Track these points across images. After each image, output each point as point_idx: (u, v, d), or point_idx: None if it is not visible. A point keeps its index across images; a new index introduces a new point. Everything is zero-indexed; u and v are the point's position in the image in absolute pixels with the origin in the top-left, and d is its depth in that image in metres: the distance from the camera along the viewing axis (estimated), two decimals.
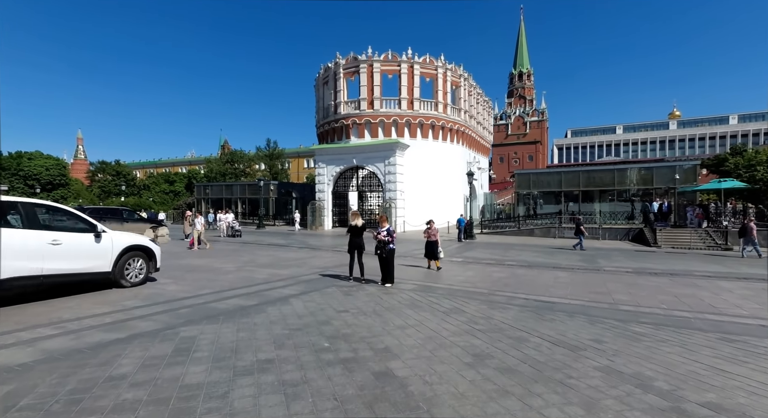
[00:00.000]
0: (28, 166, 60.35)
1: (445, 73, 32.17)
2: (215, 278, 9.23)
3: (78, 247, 6.92)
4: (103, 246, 7.31)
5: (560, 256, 16.02)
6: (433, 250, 11.29)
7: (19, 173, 60.00)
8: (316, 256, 14.47)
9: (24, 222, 6.42)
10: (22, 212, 6.47)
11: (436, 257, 11.36)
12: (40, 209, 6.88)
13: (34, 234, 6.39)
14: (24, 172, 59.88)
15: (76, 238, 6.93)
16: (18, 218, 6.46)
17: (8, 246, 5.95)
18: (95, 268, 7.16)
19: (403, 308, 6.44)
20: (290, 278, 9.39)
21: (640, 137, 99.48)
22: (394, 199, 28.75)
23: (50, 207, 7.24)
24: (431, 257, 11.40)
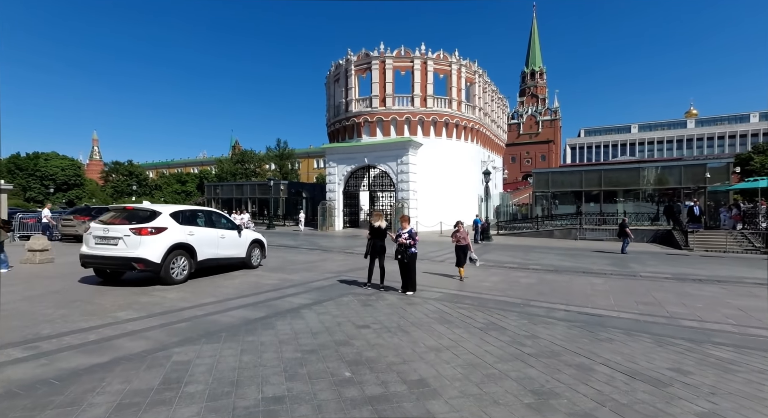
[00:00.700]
0: (44, 167, 61.13)
1: (459, 70, 31.19)
2: (220, 283, 8.48)
3: (232, 240, 9.87)
4: (243, 240, 10.26)
5: (586, 259, 14.99)
6: (465, 256, 9.75)
7: (36, 174, 60.78)
8: (328, 259, 13.69)
9: (206, 223, 9.49)
10: (204, 216, 9.65)
11: (463, 263, 9.84)
12: (213, 214, 10.15)
13: (213, 231, 9.41)
14: (41, 173, 60.66)
15: (230, 234, 9.89)
16: (203, 220, 9.45)
17: (201, 239, 8.85)
18: (238, 255, 10.12)
19: (433, 324, 5.58)
20: (302, 285, 8.60)
21: (656, 136, 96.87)
22: (407, 199, 27.86)
23: (217, 213, 10.42)
24: (461, 264, 9.78)
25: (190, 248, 8.52)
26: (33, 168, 61.23)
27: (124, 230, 7.83)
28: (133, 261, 7.69)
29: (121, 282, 8.32)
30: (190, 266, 8.51)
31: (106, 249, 7.85)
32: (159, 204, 10.35)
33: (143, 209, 8.66)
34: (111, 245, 7.84)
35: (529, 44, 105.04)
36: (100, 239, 7.94)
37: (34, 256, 10.37)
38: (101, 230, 7.99)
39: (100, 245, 7.92)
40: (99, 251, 7.90)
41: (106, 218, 8.42)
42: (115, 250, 7.78)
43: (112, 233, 7.86)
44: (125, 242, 7.77)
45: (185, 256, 8.41)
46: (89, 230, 8.23)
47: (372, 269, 8.28)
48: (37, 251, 10.39)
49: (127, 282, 8.34)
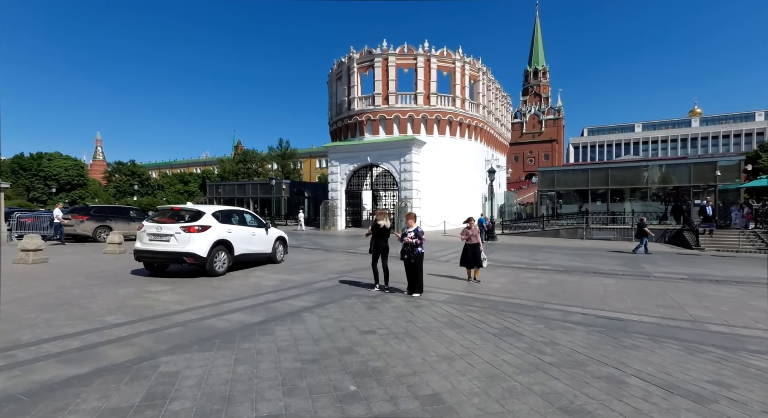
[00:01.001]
0: (47, 167, 61.11)
1: (463, 67, 30.76)
2: (219, 284, 8.13)
3: (261, 237, 10.72)
4: (269, 237, 11.09)
5: (595, 259, 14.57)
6: (475, 256, 9.02)
7: (39, 174, 60.77)
8: (330, 259, 13.33)
9: (239, 222, 10.18)
10: (238, 216, 10.35)
11: (478, 264, 9.10)
12: (245, 213, 10.91)
13: (246, 229, 10.22)
14: (44, 173, 60.64)
15: (259, 231, 10.73)
16: (236, 219, 10.15)
17: (237, 236, 9.65)
18: (265, 250, 10.97)
19: (443, 328, 5.20)
20: (303, 286, 8.23)
21: (660, 135, 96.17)
22: (410, 198, 27.48)
23: (249, 212, 11.21)
24: (471, 264, 9.06)
25: (228, 244, 9.41)
26: (36, 168, 61.22)
27: (176, 228, 8.67)
28: (184, 255, 8.56)
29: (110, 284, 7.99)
30: (228, 260, 9.40)
31: (159, 245, 8.72)
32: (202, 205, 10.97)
33: (189, 209, 9.50)
34: (163, 241, 8.70)
35: (532, 43, 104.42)
36: (153, 236, 8.80)
37: (27, 256, 10.05)
38: (154, 228, 8.84)
39: (154, 241, 8.79)
40: (152, 246, 8.77)
41: (157, 217, 9.37)
42: (167, 245, 8.65)
43: (165, 231, 8.70)
44: (176, 239, 8.61)
45: (225, 251, 9.31)
46: (143, 228, 9.05)
47: (377, 270, 7.90)
48: (31, 250, 10.07)
49: (124, 283, 8.00)
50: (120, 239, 13.34)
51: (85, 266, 10.33)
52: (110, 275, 8.88)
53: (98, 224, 17.56)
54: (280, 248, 11.73)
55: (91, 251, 14.01)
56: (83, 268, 9.91)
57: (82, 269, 9.65)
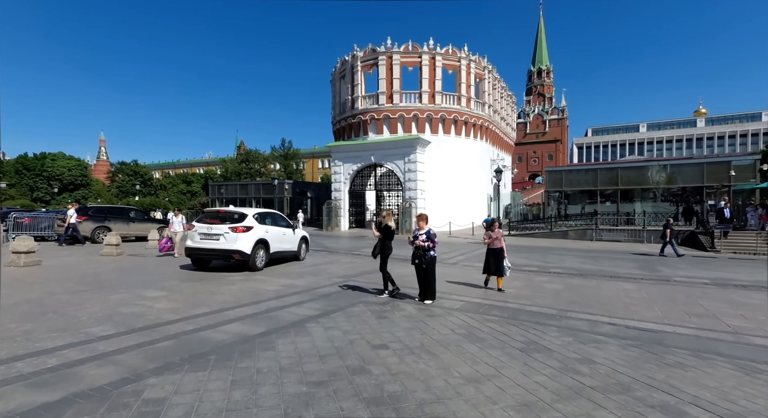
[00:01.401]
0: (51, 167, 60.93)
1: (468, 65, 30.25)
2: (217, 289, 7.65)
3: (289, 237, 11.66)
4: (296, 236, 12.09)
5: (608, 261, 14.02)
6: (498, 262, 8.15)
7: (43, 174, 60.61)
8: (335, 261, 12.84)
9: (273, 222, 11.09)
10: (271, 217, 11.25)
11: (500, 272, 8.15)
12: (277, 215, 11.94)
13: (279, 229, 11.14)
14: (47, 173, 60.46)
15: (288, 231, 11.68)
16: (270, 220, 11.06)
17: (272, 235, 10.61)
18: (292, 249, 11.88)
19: (462, 342, 4.70)
20: (306, 291, 7.75)
21: (665, 135, 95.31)
22: (415, 198, 26.97)
23: (280, 214, 12.30)
24: (494, 271, 8.22)
25: (266, 242, 10.39)
26: (40, 168, 61.05)
27: (225, 229, 9.66)
28: (232, 253, 9.57)
29: (102, 289, 7.53)
30: (266, 257, 10.39)
31: (210, 243, 9.72)
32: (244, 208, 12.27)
33: (234, 211, 10.45)
34: (213, 240, 9.71)
35: (536, 42, 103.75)
36: (204, 235, 9.81)
37: (18, 258, 9.62)
38: (205, 228, 9.86)
39: (204, 240, 9.79)
40: (203, 244, 9.77)
41: (206, 219, 10.30)
42: (218, 244, 9.66)
43: (215, 231, 9.71)
44: (225, 238, 9.62)
45: (263, 249, 10.27)
46: (194, 228, 10.07)
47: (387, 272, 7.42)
48: (22, 253, 9.64)
49: (118, 288, 7.55)
50: (117, 240, 12.90)
51: (80, 269, 9.89)
52: (104, 279, 8.43)
53: (97, 224, 17.15)
54: (304, 247, 12.72)
55: (88, 252, 13.58)
56: (77, 271, 9.47)
57: (75, 273, 9.20)
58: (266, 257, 10.37)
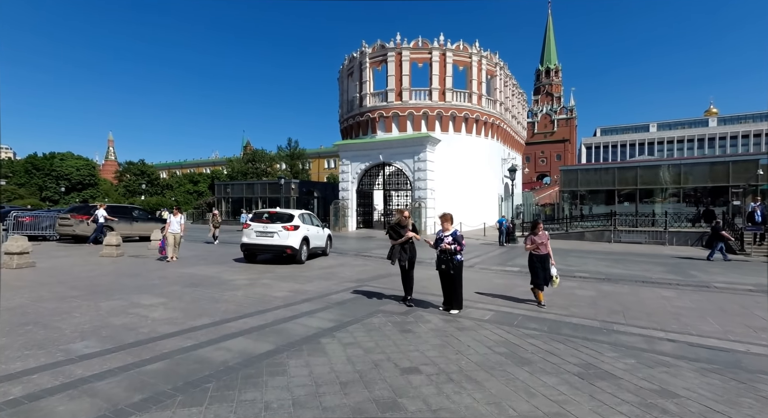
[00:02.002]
0: (59, 167, 61.17)
1: (480, 61, 29.44)
2: (220, 296, 6.98)
3: (321, 234, 12.89)
4: (324, 234, 13.34)
5: (633, 265, 13.18)
6: (546, 272, 6.82)
7: (52, 173, 60.82)
8: (345, 264, 12.15)
9: (309, 222, 12.36)
10: (309, 217, 12.69)
11: (545, 283, 6.87)
12: (311, 215, 13.25)
13: (314, 228, 12.54)
14: (56, 173, 60.69)
15: (320, 230, 13.03)
16: (308, 220, 12.40)
17: (311, 233, 12.02)
18: (322, 245, 13.08)
19: (507, 365, 3.96)
20: (318, 298, 7.05)
21: (676, 135, 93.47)
22: (424, 198, 26.20)
23: (313, 215, 13.65)
24: (543, 283, 6.84)
25: (308, 239, 11.83)
26: (49, 168, 61.31)
27: (278, 227, 11.17)
28: (285, 248, 11.11)
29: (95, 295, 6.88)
30: (307, 252, 11.84)
31: (265, 240, 11.18)
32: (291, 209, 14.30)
33: (284, 212, 12.05)
34: (268, 237, 11.17)
35: (544, 41, 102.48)
36: (259, 233, 11.26)
37: (11, 260, 9.03)
38: (261, 226, 11.28)
39: (260, 237, 11.24)
40: (259, 241, 11.23)
41: (259, 219, 11.65)
42: (272, 240, 11.13)
43: (270, 229, 11.18)
44: (279, 235, 11.13)
45: (306, 245, 11.69)
46: (249, 227, 11.40)
47: (405, 279, 6.69)
48: (15, 254, 9.05)
49: (112, 294, 6.89)
50: (118, 240, 12.31)
51: (75, 271, 9.28)
52: (98, 284, 7.79)
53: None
54: (329, 243, 14.13)
55: (88, 253, 13.02)
56: (71, 274, 8.85)
57: (69, 276, 8.58)
58: (307, 251, 11.82)
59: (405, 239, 6.45)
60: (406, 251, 6.45)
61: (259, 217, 11.78)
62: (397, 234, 6.52)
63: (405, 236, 6.44)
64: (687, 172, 22.99)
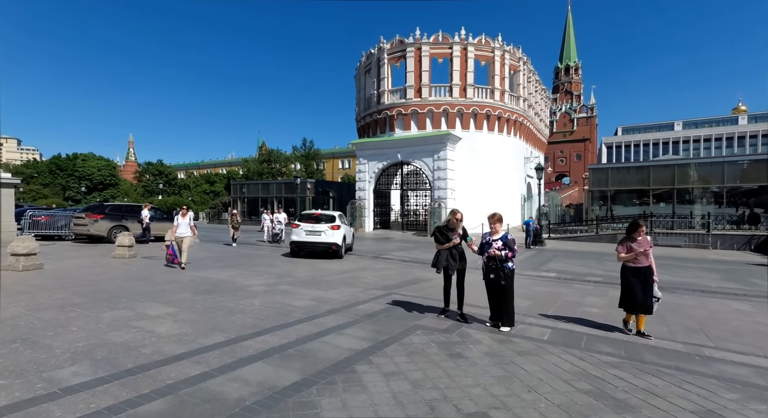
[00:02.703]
0: (82, 167, 62.51)
1: (502, 56, 28.26)
2: (235, 305, 6.22)
3: (350, 233, 14.52)
4: (351, 232, 14.85)
5: (682, 271, 11.97)
6: (647, 290, 5.16)
7: (74, 174, 62.18)
8: (367, 267, 11.33)
9: (343, 222, 13.66)
10: (342, 217, 14.09)
11: (648, 307, 5.13)
12: (343, 216, 15.03)
13: (347, 227, 14.20)
14: (78, 173, 62.03)
15: (349, 228, 14.77)
16: (342, 219, 13.97)
17: (347, 232, 13.81)
18: (350, 242, 14.39)
19: (603, 412, 3.04)
20: (344, 308, 6.23)
21: (703, 134, 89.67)
22: (444, 198, 25.20)
23: (343, 215, 15.36)
24: (641, 306, 5.13)
25: (345, 237, 13.33)
26: (72, 168, 62.75)
27: (325, 227, 12.68)
28: (331, 245, 12.57)
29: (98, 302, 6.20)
30: (344, 248, 13.37)
31: (314, 238, 12.61)
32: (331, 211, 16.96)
33: (327, 214, 13.83)
34: (317, 235, 12.60)
35: (564, 39, 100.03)
36: (308, 232, 12.65)
37: (17, 261, 8.51)
38: (309, 226, 12.70)
39: (309, 236, 12.63)
40: (309, 238, 12.62)
41: (307, 220, 13.08)
42: (320, 238, 12.57)
43: (317, 228, 12.67)
44: (325, 234, 12.58)
45: (344, 242, 13.18)
46: (299, 227, 12.80)
47: (449, 291, 5.82)
48: (22, 255, 8.52)
49: (118, 302, 6.22)
50: (131, 241, 11.77)
51: (82, 274, 8.70)
52: (105, 289, 7.15)
53: (113, 223, 16.20)
54: (353, 240, 15.55)
55: (100, 254, 12.53)
56: (78, 277, 8.26)
57: (75, 279, 7.98)
58: (344, 247, 13.35)
59: (452, 243, 5.58)
60: (455, 257, 5.57)
61: (308, 218, 13.28)
62: (444, 238, 5.66)
63: (452, 241, 5.57)
64: (732, 170, 21.41)
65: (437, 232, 5.74)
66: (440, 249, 5.68)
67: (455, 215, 5.72)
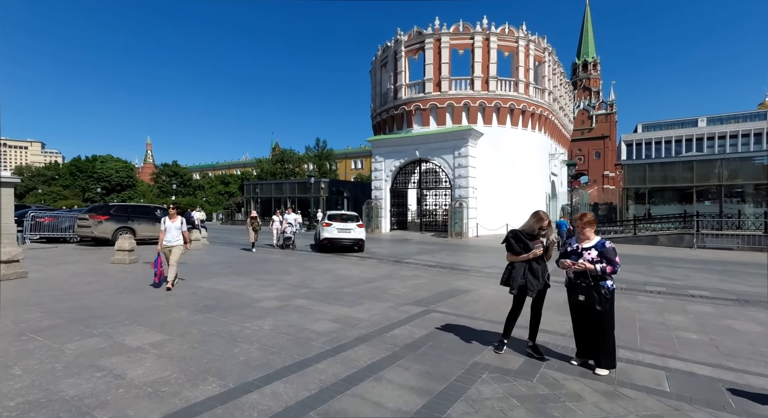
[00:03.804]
0: (100, 169, 63.27)
1: (527, 46, 26.59)
2: (240, 330, 4.94)
3: (361, 231, 15.17)
4: (363, 229, 15.38)
5: (754, 279, 10.24)
6: None
7: (93, 175, 62.96)
8: (392, 274, 9.97)
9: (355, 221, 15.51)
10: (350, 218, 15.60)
11: None
12: (352, 216, 16.00)
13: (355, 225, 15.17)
14: (97, 174, 62.78)
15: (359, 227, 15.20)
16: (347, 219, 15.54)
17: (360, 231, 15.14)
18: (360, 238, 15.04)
19: None
20: (377, 336, 4.89)
21: (729, 130, 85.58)
22: (466, 197, 23.68)
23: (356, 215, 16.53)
24: None
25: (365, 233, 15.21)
26: (91, 170, 63.74)
27: (353, 225, 14.73)
28: (358, 240, 14.57)
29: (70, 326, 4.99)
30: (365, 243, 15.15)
31: (344, 234, 14.39)
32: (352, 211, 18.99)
33: (352, 214, 16.11)
34: (347, 232, 14.43)
35: (581, 34, 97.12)
36: (339, 230, 14.34)
37: None
38: (341, 225, 14.47)
39: (341, 233, 14.34)
40: (340, 235, 14.32)
41: (336, 219, 14.89)
42: (349, 235, 14.45)
43: (347, 226, 14.58)
44: (354, 231, 14.60)
45: (364, 237, 14.97)
46: (331, 225, 14.38)
47: (516, 317, 4.40)
48: (2, 262, 7.44)
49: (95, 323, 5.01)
50: (131, 245, 10.67)
51: (70, 284, 7.56)
52: (86, 306, 5.95)
53: (119, 225, 15.23)
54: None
55: (100, 258, 11.47)
56: (63, 288, 7.11)
57: (58, 291, 6.83)
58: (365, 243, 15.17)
59: (533, 254, 4.18)
60: (536, 274, 4.17)
61: (337, 218, 15.10)
62: (522, 246, 4.25)
63: (533, 251, 4.18)
64: None
65: (512, 238, 4.33)
66: (515, 261, 4.27)
67: (541, 221, 4.28)
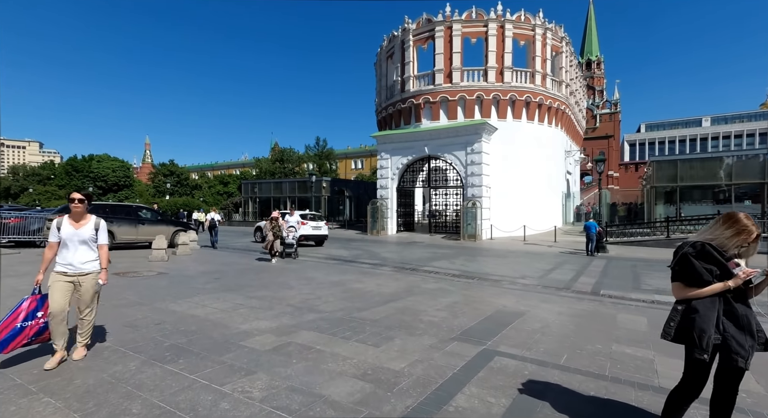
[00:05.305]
0: (97, 168, 61.76)
1: (544, 35, 24.85)
2: (216, 397, 3.13)
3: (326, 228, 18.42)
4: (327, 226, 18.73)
5: None
6: None
7: (89, 175, 61.34)
8: (414, 288, 8.17)
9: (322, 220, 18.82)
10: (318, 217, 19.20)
11: None
12: (319, 215, 20.51)
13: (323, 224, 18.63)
14: (93, 174, 61.20)
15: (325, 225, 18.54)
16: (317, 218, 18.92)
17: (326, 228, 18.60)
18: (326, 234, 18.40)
19: None
20: (428, 406, 3.08)
21: (733, 130, 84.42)
22: (479, 196, 21.91)
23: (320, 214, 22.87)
24: None
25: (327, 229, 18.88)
26: (87, 170, 62.37)
27: (322, 224, 18.10)
28: (324, 236, 18.11)
29: None
30: None
31: (316, 231, 17.59)
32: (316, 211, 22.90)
33: (318, 214, 20.95)
34: (317, 229, 17.67)
35: (585, 32, 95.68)
36: (312, 228, 17.44)
37: None
38: (314, 223, 17.69)
39: (314, 230, 17.49)
40: (313, 232, 17.48)
41: (309, 219, 17.88)
42: (320, 231, 17.73)
43: (317, 224, 17.80)
44: (323, 229, 17.93)
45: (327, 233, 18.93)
46: (306, 223, 17.15)
47: (697, 394, 2.58)
48: None
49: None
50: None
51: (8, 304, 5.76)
52: None
53: None
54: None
55: None
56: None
57: None
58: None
59: (730, 285, 2.35)
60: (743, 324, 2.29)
61: (309, 217, 17.96)
62: (717, 270, 2.42)
63: (736, 278, 2.35)
64: None
65: (695, 255, 2.48)
66: (697, 297, 2.45)
67: (746, 231, 2.45)
